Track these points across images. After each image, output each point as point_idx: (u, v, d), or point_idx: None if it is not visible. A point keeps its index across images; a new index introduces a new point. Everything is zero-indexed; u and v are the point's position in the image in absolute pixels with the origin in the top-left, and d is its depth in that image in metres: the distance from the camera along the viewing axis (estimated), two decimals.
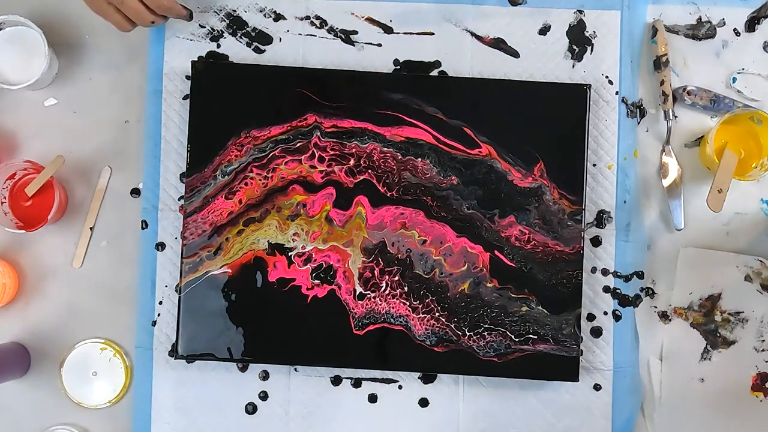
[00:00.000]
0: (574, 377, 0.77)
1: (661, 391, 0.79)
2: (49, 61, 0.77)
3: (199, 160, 0.78)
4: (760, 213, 0.81)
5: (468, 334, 0.77)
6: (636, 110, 0.81)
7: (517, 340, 0.77)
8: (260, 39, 0.82)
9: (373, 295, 0.77)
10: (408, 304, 0.77)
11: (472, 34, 0.82)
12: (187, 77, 0.80)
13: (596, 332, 0.80)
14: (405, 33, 0.82)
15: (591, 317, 0.80)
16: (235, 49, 0.81)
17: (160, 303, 0.80)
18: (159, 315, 0.80)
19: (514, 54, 0.81)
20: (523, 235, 0.77)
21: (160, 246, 0.80)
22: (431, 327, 0.77)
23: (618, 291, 0.80)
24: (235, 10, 0.81)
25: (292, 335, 0.77)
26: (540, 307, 0.77)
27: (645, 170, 0.81)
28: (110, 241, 0.81)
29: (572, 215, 0.78)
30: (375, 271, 0.77)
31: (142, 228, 0.80)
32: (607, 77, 0.81)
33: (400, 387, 0.80)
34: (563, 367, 0.77)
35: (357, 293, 0.77)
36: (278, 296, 0.77)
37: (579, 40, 0.81)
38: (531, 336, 0.77)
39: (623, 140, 0.81)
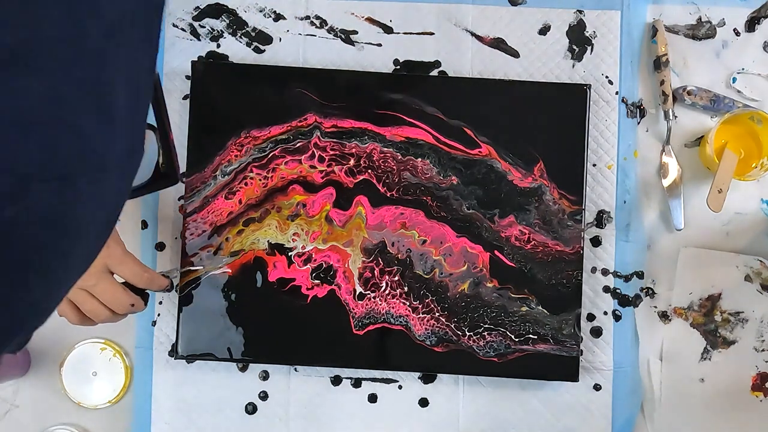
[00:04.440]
0: (574, 377, 0.77)
1: (661, 391, 0.79)
2: None
3: (199, 160, 0.78)
4: (760, 213, 0.81)
5: (468, 334, 0.77)
6: (636, 110, 0.81)
7: (517, 340, 0.77)
8: (260, 39, 0.82)
9: (373, 295, 0.77)
10: (408, 304, 0.77)
11: (472, 34, 0.82)
12: (187, 77, 0.80)
13: (596, 332, 0.80)
14: (405, 33, 0.82)
15: (591, 317, 0.80)
16: (235, 49, 0.81)
17: (160, 303, 0.80)
18: (159, 315, 0.80)
19: (514, 54, 0.81)
20: (523, 235, 0.77)
21: (160, 246, 0.80)
22: (431, 327, 0.77)
23: (618, 291, 0.80)
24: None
25: (292, 335, 0.77)
26: (540, 307, 0.77)
27: (645, 170, 0.81)
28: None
29: (572, 215, 0.78)
30: (375, 271, 0.77)
31: (142, 228, 0.80)
32: (607, 77, 0.81)
33: (400, 387, 0.80)
34: (563, 367, 0.77)
35: (357, 293, 0.77)
36: (278, 296, 0.77)
37: (579, 40, 0.81)
38: (531, 336, 0.77)
39: (623, 140, 0.81)
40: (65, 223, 0.24)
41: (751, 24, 0.81)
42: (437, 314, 0.77)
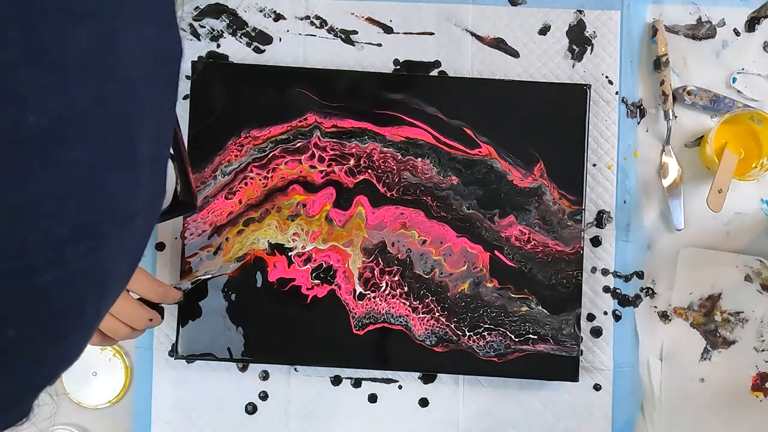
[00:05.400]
0: (574, 377, 0.77)
1: (661, 391, 0.79)
2: None
3: (199, 160, 0.78)
4: (760, 213, 0.81)
5: (468, 334, 0.77)
6: (636, 110, 0.81)
7: (517, 340, 0.77)
8: (260, 39, 0.82)
9: (373, 295, 0.77)
10: (408, 304, 0.77)
11: (472, 34, 0.82)
12: (187, 77, 0.80)
13: (596, 332, 0.80)
14: (405, 33, 0.82)
15: (591, 317, 0.80)
16: (235, 49, 0.81)
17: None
18: None
19: (514, 54, 0.81)
20: (523, 235, 0.77)
21: (160, 246, 0.80)
22: (431, 327, 0.77)
23: (618, 291, 0.80)
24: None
25: (292, 335, 0.77)
26: (540, 307, 0.77)
27: (645, 170, 0.81)
28: None
29: (572, 215, 0.78)
30: (375, 271, 0.77)
31: None
32: (607, 77, 0.81)
33: (400, 387, 0.80)
34: (563, 367, 0.77)
35: (357, 293, 0.77)
36: (278, 296, 0.77)
37: (579, 40, 0.81)
38: (531, 336, 0.77)
39: (623, 140, 0.81)
40: (99, 275, 0.25)
41: (751, 24, 0.81)
42: (437, 314, 0.77)
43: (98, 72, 0.23)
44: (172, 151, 0.39)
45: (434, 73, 0.81)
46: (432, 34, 0.82)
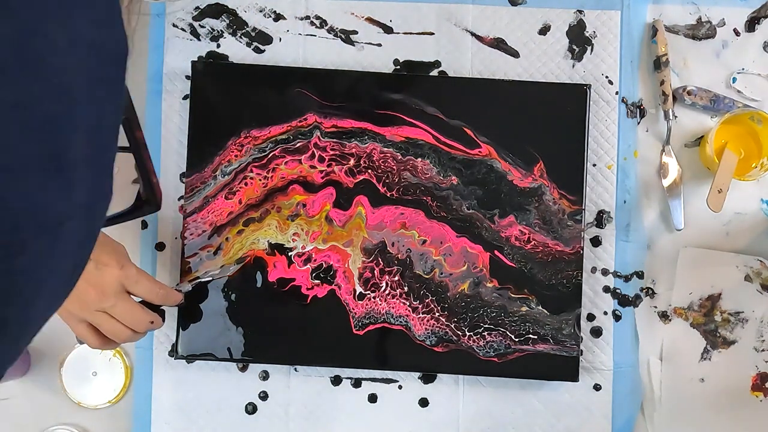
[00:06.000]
0: (574, 377, 0.77)
1: (661, 391, 0.79)
2: None
3: (199, 160, 0.78)
4: (760, 213, 0.81)
5: (468, 334, 0.77)
6: (636, 110, 0.81)
7: (517, 340, 0.77)
8: (260, 39, 0.82)
9: (373, 295, 0.77)
10: (408, 304, 0.77)
11: (472, 34, 0.82)
12: (187, 77, 0.80)
13: (596, 332, 0.80)
14: (405, 33, 0.82)
15: (591, 317, 0.80)
16: (235, 49, 0.81)
17: None
18: None
19: (514, 54, 0.81)
20: (523, 235, 0.77)
21: (160, 246, 0.80)
22: (431, 327, 0.77)
23: (618, 291, 0.80)
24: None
25: (292, 335, 0.77)
26: (540, 307, 0.77)
27: (645, 170, 0.81)
28: None
29: (572, 215, 0.78)
30: (375, 271, 0.77)
31: (142, 228, 0.80)
32: (607, 77, 0.81)
33: (400, 387, 0.80)
34: (563, 367, 0.77)
35: (357, 293, 0.77)
36: (278, 296, 0.77)
37: (579, 40, 0.81)
38: (531, 336, 0.77)
39: (623, 140, 0.81)
40: (20, 282, 0.24)
41: (751, 24, 0.81)
42: (437, 314, 0.77)
43: (16, 73, 0.22)
44: (131, 149, 0.37)
45: (434, 73, 0.81)
46: (432, 34, 0.82)
